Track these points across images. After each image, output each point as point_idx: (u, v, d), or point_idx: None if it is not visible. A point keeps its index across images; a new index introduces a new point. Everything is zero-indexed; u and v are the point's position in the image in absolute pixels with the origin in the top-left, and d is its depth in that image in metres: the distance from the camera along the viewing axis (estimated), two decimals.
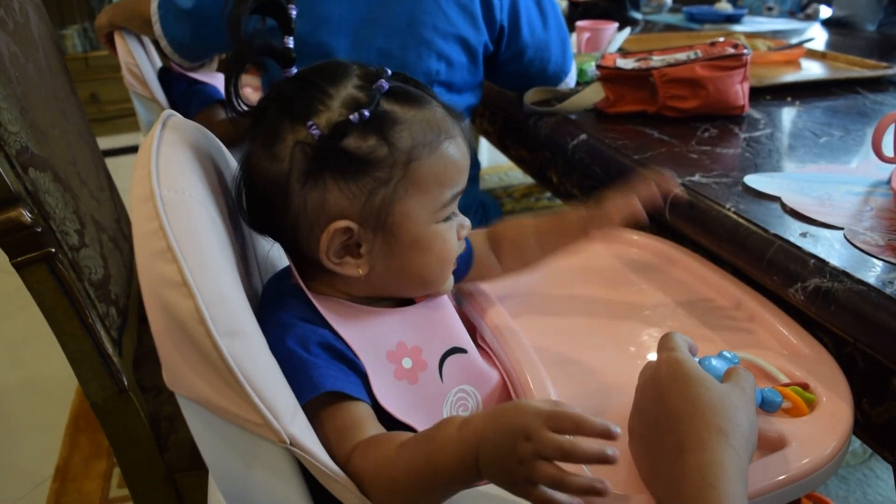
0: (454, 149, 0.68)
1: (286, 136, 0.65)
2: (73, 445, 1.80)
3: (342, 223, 0.65)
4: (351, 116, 0.63)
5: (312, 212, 0.65)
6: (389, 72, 0.68)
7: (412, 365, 0.70)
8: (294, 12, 0.67)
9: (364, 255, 0.67)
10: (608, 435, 0.50)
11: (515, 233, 0.88)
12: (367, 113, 0.63)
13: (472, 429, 0.54)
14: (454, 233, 0.72)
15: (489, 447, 0.52)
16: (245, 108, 0.69)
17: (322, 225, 0.65)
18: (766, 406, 0.67)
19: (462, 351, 0.74)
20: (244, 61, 0.67)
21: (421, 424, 0.66)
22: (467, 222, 0.74)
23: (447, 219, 0.70)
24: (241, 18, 0.63)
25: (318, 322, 0.67)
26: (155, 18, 1.35)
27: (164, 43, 1.37)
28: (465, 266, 0.85)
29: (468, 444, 0.53)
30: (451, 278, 0.75)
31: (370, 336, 0.69)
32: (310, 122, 0.63)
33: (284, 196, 0.66)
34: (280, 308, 0.68)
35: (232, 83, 0.67)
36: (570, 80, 1.44)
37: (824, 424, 0.65)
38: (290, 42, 0.68)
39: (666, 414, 0.57)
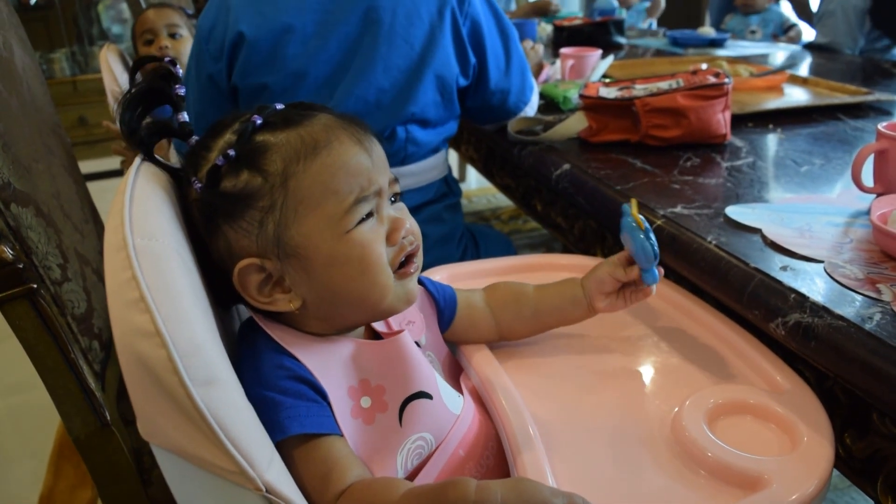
0: (340, 153, 0.66)
1: (188, 199, 0.69)
2: (57, 474, 1.78)
3: (244, 262, 0.65)
4: (216, 160, 0.65)
5: (224, 261, 0.67)
6: (280, 106, 0.70)
7: (370, 405, 0.69)
8: (182, 91, 0.70)
9: (291, 288, 0.67)
10: None
11: (513, 300, 0.87)
12: (231, 152, 0.65)
13: (492, 495, 0.56)
14: (377, 236, 0.68)
15: None
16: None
17: (231, 270, 0.66)
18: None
19: (427, 396, 0.72)
20: (147, 147, 0.70)
21: (368, 467, 0.66)
22: (404, 222, 0.70)
23: (361, 223, 0.66)
24: (133, 123, 0.68)
25: (286, 354, 0.67)
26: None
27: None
28: (448, 309, 0.85)
29: None
30: (399, 290, 0.69)
31: (334, 369, 0.68)
32: (193, 179, 0.67)
33: (206, 253, 0.69)
34: (251, 347, 0.68)
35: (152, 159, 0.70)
36: (530, 110, 1.45)
37: (805, 462, 0.65)
38: (185, 116, 0.70)
39: None
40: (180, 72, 0.70)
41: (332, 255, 0.65)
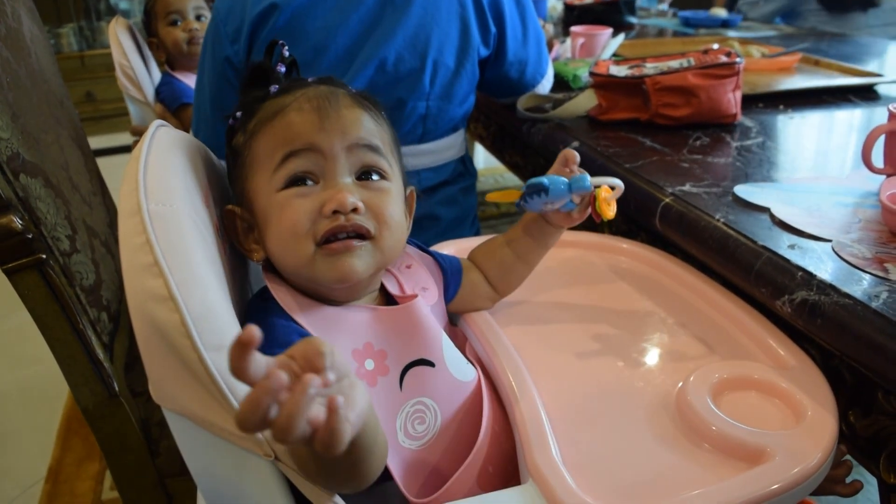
0: (290, 116, 0.68)
1: None
2: (65, 447, 1.80)
3: (227, 207, 0.73)
4: (230, 121, 0.75)
5: None
6: (310, 79, 0.75)
7: (373, 367, 0.70)
8: (282, 69, 0.77)
9: (259, 241, 0.72)
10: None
11: (488, 251, 0.88)
12: (238, 114, 0.74)
13: None
14: (301, 202, 0.66)
15: None
16: None
17: None
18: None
19: (429, 364, 0.73)
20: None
21: None
22: (344, 196, 0.65)
23: (293, 186, 0.67)
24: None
25: (291, 320, 0.68)
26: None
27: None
28: (454, 277, 0.86)
29: None
30: (323, 265, 0.66)
31: (337, 332, 0.69)
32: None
33: None
34: (260, 313, 0.69)
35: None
36: (547, 83, 1.43)
37: (809, 436, 0.66)
38: (274, 89, 0.74)
39: None
40: (286, 52, 0.78)
41: (265, 214, 0.69)
